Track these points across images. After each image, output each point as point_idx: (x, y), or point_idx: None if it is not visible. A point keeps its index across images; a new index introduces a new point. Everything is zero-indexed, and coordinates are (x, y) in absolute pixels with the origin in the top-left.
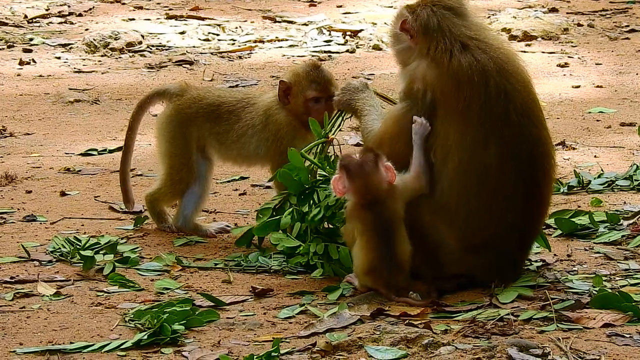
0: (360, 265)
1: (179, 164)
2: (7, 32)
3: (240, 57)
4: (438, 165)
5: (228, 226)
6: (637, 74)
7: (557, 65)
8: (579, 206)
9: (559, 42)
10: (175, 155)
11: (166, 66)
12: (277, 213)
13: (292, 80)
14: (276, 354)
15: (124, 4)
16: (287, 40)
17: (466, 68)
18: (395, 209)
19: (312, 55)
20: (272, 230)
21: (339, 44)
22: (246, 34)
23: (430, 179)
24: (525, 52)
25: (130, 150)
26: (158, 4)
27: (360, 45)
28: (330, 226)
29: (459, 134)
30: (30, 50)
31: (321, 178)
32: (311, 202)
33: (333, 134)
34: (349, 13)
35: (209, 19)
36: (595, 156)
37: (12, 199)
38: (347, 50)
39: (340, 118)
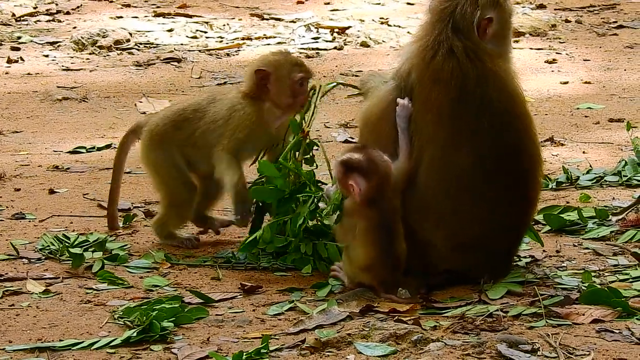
0: (358, 262)
1: (174, 186)
2: None
3: (228, 55)
4: (415, 159)
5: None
6: (625, 70)
7: (545, 62)
8: (568, 202)
9: (547, 39)
10: (168, 180)
11: (154, 64)
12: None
13: (270, 67)
14: (265, 351)
15: (111, 1)
16: (274, 37)
17: (447, 70)
18: (395, 204)
19: (300, 52)
20: (254, 248)
21: (326, 41)
22: (234, 32)
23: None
24: (513, 48)
25: (118, 188)
26: (146, 1)
27: (348, 42)
28: (318, 223)
29: (432, 130)
30: (18, 49)
31: (301, 181)
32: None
33: (308, 127)
34: (337, 10)
35: (197, 16)
36: (583, 152)
37: (0, 197)
38: (335, 47)
39: (313, 106)
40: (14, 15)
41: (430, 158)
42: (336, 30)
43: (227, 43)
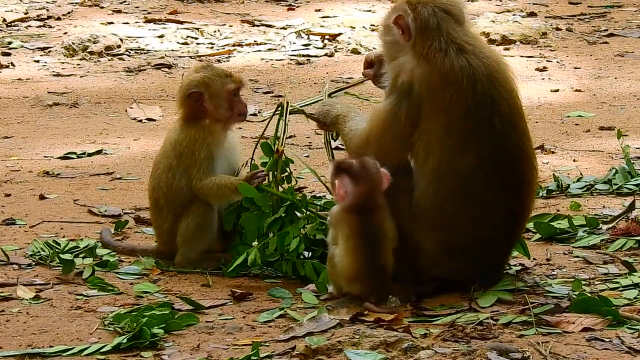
0: (344, 272)
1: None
2: None
3: (219, 61)
4: (418, 164)
5: None
6: (615, 78)
7: (535, 69)
8: (558, 210)
9: (538, 46)
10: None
11: (145, 70)
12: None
13: (201, 86)
14: (255, 358)
15: (102, 7)
16: (265, 44)
17: (457, 70)
18: (385, 215)
19: (291, 59)
20: (241, 269)
21: (317, 48)
22: (225, 38)
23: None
24: (504, 56)
25: None
26: (137, 7)
27: (339, 49)
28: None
29: (442, 134)
30: (9, 54)
31: (285, 203)
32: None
33: (282, 146)
34: (328, 17)
35: (188, 22)
36: (574, 160)
37: None
38: (326, 54)
39: (283, 124)
40: (4, 20)
41: (437, 163)
42: (327, 37)
43: (217, 49)
